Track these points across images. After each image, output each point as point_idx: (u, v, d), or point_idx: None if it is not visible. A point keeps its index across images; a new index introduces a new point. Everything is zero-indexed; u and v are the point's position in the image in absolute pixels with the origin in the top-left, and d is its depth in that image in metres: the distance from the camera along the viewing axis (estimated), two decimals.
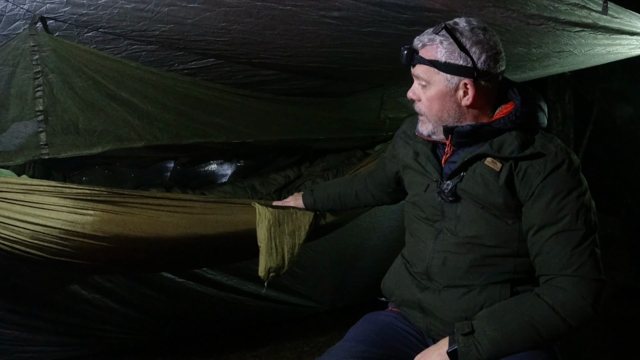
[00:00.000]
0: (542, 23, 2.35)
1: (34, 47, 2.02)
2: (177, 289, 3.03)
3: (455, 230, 1.52)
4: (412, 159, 1.65)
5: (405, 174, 1.73)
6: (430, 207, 1.59)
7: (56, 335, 2.81)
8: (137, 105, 2.33)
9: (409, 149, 1.69)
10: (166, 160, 3.26)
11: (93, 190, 1.93)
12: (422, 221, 1.62)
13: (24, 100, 2.10)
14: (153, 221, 2.01)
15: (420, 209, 1.62)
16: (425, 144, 1.62)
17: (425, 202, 1.60)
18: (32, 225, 1.84)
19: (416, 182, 1.65)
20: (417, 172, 1.64)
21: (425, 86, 1.51)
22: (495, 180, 1.44)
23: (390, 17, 2.10)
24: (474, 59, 1.42)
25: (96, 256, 1.98)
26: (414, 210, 1.66)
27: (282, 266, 2.28)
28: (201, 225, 2.11)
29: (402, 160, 1.73)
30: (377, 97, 3.22)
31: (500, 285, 1.47)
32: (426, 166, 1.61)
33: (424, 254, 1.58)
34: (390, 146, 1.88)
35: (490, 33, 1.46)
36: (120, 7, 1.90)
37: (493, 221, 1.47)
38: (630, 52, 3.15)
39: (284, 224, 2.25)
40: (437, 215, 1.57)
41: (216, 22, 2.02)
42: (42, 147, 2.13)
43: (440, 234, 1.55)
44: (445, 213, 1.55)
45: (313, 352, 3.13)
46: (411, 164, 1.67)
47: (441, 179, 1.55)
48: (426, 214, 1.60)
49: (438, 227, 1.56)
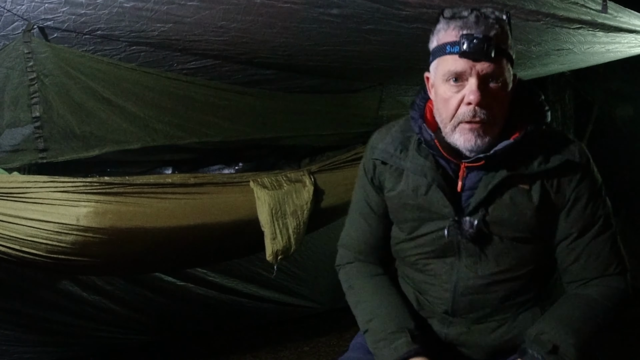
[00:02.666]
0: (541, 19, 2.34)
1: (28, 54, 2.03)
2: (177, 292, 3.03)
3: (476, 268, 1.29)
4: (411, 190, 1.29)
5: (394, 206, 1.36)
6: (439, 245, 1.30)
7: (56, 336, 2.81)
8: (132, 107, 2.34)
9: (396, 177, 1.33)
10: (164, 167, 3.26)
11: (84, 181, 1.93)
12: (430, 258, 1.34)
13: (19, 106, 2.10)
14: (147, 209, 2.00)
15: (424, 246, 1.33)
16: (430, 166, 1.27)
17: (432, 241, 1.31)
18: (27, 221, 1.83)
19: (414, 219, 1.32)
20: (415, 208, 1.30)
21: (500, 86, 1.18)
22: (528, 201, 1.24)
23: (390, 14, 2.09)
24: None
25: (92, 251, 1.97)
26: (415, 249, 1.35)
27: (290, 247, 2.28)
28: (197, 212, 2.10)
29: (391, 190, 1.34)
30: (376, 96, 3.23)
31: (531, 310, 1.33)
32: (434, 199, 1.26)
33: (442, 295, 1.34)
34: (363, 172, 1.42)
35: None
36: (119, 6, 1.89)
37: (522, 249, 1.28)
38: (630, 50, 3.14)
39: (285, 204, 2.25)
40: (450, 251, 1.30)
41: (215, 20, 2.01)
42: (40, 151, 2.14)
43: (458, 272, 1.31)
44: (462, 250, 1.28)
45: (313, 352, 3.12)
46: (407, 198, 1.31)
47: (456, 214, 1.25)
48: (435, 252, 1.32)
49: (452, 263, 1.31)
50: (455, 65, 1.16)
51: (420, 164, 1.27)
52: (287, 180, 2.41)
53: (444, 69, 1.18)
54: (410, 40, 2.33)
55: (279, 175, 2.43)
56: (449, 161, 1.26)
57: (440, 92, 1.20)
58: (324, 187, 2.49)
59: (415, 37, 2.30)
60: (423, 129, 1.25)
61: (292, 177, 2.45)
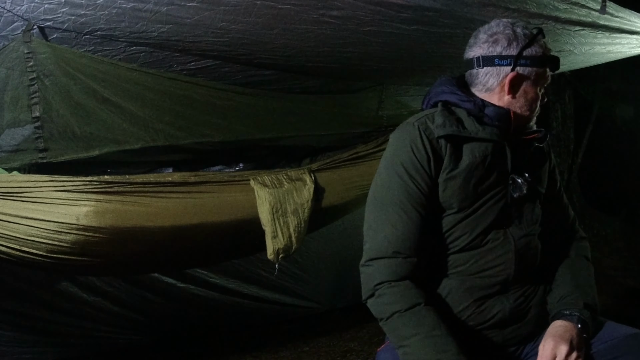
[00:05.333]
0: (543, 22, 2.35)
1: (28, 54, 2.03)
2: (178, 293, 3.03)
3: (522, 226, 1.45)
4: (480, 160, 1.40)
5: (456, 185, 1.40)
6: (498, 209, 1.42)
7: (56, 336, 2.81)
8: (132, 107, 2.34)
9: (457, 154, 1.41)
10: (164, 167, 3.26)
11: (84, 180, 1.92)
12: (488, 229, 1.42)
13: (19, 106, 2.10)
14: (147, 209, 2.00)
15: (486, 215, 1.41)
16: (498, 133, 1.42)
17: (492, 208, 1.42)
18: (27, 221, 1.83)
19: (476, 193, 1.41)
20: (480, 179, 1.40)
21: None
22: (547, 162, 1.55)
23: (390, 16, 2.09)
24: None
25: (92, 251, 1.97)
26: (473, 223, 1.41)
27: (291, 246, 2.27)
28: (198, 211, 2.10)
29: (453, 169, 1.40)
30: (376, 96, 3.23)
31: (555, 262, 1.55)
32: (498, 163, 1.42)
33: (505, 259, 1.42)
34: (412, 163, 1.40)
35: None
36: (119, 7, 1.89)
37: (540, 205, 1.53)
38: (630, 51, 3.14)
39: (286, 202, 2.24)
40: (506, 215, 1.44)
41: (215, 21, 2.01)
42: (40, 151, 2.14)
43: (512, 233, 1.43)
44: (513, 211, 1.44)
45: (313, 352, 3.12)
46: (474, 169, 1.40)
47: (512, 173, 1.44)
48: (496, 219, 1.42)
49: (505, 227, 1.44)
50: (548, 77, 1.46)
51: (489, 132, 1.42)
52: (288, 179, 2.41)
53: (543, 79, 1.45)
54: (410, 42, 2.33)
55: (280, 173, 2.43)
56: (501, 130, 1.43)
57: (535, 96, 1.46)
58: (324, 185, 2.49)
59: (415, 38, 2.31)
60: (487, 104, 1.43)
61: (292, 176, 2.44)
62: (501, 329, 1.42)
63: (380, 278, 1.35)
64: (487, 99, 1.44)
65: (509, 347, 1.46)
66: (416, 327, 1.29)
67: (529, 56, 1.40)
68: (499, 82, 1.42)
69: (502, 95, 1.43)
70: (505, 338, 1.43)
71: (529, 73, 1.42)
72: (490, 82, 1.43)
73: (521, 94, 1.44)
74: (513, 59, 1.39)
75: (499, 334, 1.43)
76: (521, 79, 1.42)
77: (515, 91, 1.43)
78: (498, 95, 1.43)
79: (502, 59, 1.41)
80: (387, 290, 1.33)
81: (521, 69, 1.41)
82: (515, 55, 1.39)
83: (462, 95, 1.45)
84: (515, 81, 1.41)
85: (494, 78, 1.42)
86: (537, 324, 1.45)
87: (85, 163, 2.33)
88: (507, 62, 1.40)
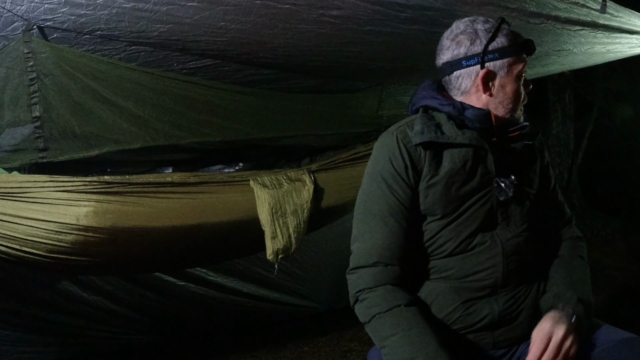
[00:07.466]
0: (542, 22, 2.34)
1: (28, 54, 2.03)
2: (178, 292, 3.03)
3: (510, 228, 1.41)
4: (461, 165, 1.37)
5: (438, 191, 1.38)
6: (483, 212, 1.39)
7: (56, 336, 2.81)
8: (132, 107, 2.34)
9: (436, 161, 1.39)
10: (164, 167, 3.26)
11: (84, 181, 1.92)
12: (474, 232, 1.40)
13: (19, 106, 2.10)
14: (147, 209, 2.01)
15: (470, 220, 1.40)
16: (477, 136, 1.39)
17: (477, 212, 1.39)
18: (27, 221, 1.83)
19: (459, 197, 1.39)
20: (461, 183, 1.38)
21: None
22: (536, 161, 1.50)
23: (390, 15, 2.09)
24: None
25: (92, 251, 1.97)
26: (458, 228, 1.39)
27: (290, 246, 2.27)
28: (197, 211, 2.10)
29: (433, 176, 1.38)
30: (376, 96, 3.23)
31: (549, 263, 1.51)
32: (479, 167, 1.39)
33: (493, 263, 1.40)
34: (390, 173, 1.40)
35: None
36: (119, 6, 1.89)
37: (532, 205, 1.48)
38: (630, 50, 3.14)
39: (285, 203, 2.24)
40: (492, 217, 1.40)
41: (215, 21, 2.01)
42: (40, 151, 2.14)
43: (500, 235, 1.40)
44: (499, 214, 1.41)
45: (313, 352, 3.12)
46: (455, 175, 1.37)
47: (496, 176, 1.40)
48: (482, 222, 1.40)
49: (492, 229, 1.41)
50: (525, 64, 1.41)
51: (469, 136, 1.38)
52: (287, 179, 2.41)
53: (519, 67, 1.40)
54: (410, 41, 2.33)
55: (279, 174, 2.43)
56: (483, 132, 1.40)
57: (514, 87, 1.41)
58: (324, 186, 2.49)
59: (415, 38, 2.31)
60: (466, 106, 1.40)
61: (292, 176, 2.44)
62: (491, 331, 1.41)
63: (361, 285, 1.37)
64: (466, 101, 1.41)
65: (501, 349, 1.44)
66: (394, 327, 1.30)
67: (496, 49, 1.38)
68: (473, 83, 1.40)
69: (480, 95, 1.40)
70: (496, 340, 1.42)
71: (500, 66, 1.39)
72: (464, 85, 1.41)
73: (498, 89, 1.40)
74: (479, 57, 1.37)
75: (490, 335, 1.42)
76: (493, 74, 1.39)
77: (490, 88, 1.40)
78: (475, 96, 1.41)
79: (469, 59, 1.38)
80: (368, 295, 1.35)
81: (491, 64, 1.38)
82: (481, 52, 1.37)
83: (442, 99, 1.43)
84: (488, 78, 1.39)
85: (467, 80, 1.40)
86: (530, 325, 1.39)
87: (85, 163, 2.33)
88: (475, 61, 1.38)
